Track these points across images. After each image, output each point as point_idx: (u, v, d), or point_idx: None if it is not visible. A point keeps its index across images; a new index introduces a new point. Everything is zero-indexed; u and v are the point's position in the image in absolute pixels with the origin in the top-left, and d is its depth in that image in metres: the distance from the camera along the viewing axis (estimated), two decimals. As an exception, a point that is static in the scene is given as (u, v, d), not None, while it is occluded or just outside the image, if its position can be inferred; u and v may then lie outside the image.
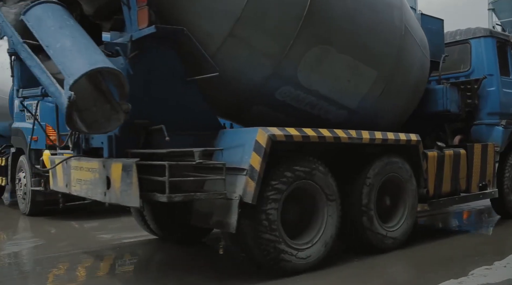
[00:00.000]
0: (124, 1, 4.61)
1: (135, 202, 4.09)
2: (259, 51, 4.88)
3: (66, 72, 3.89)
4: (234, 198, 4.38)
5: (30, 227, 8.53)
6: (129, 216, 8.94)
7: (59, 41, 4.14)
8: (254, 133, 4.55)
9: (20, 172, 9.09)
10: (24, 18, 4.44)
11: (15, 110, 9.26)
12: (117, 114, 4.08)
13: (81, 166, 4.98)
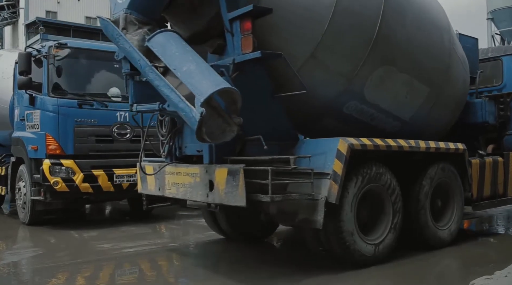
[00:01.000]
0: (228, 29, 5.23)
1: (241, 202, 4.68)
2: (334, 71, 5.58)
3: (196, 91, 4.45)
4: (320, 198, 5.03)
5: (29, 236, 8.51)
6: (128, 225, 8.99)
7: (184, 65, 4.73)
8: (336, 143, 5.21)
9: (20, 181, 9.09)
10: (149, 44, 5.04)
11: (16, 119, 9.28)
12: (231, 127, 4.63)
13: (178, 171, 5.62)
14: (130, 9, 5.24)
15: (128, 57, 5.29)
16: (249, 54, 5.02)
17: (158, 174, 5.95)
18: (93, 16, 37.12)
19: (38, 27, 12.84)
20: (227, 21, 5.24)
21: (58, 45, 8.51)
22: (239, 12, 5.09)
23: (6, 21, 37.11)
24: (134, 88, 5.67)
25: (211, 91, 4.39)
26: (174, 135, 5.98)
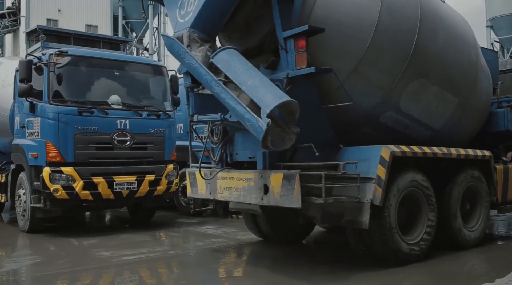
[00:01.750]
0: (282, 46, 5.65)
1: (297, 204, 5.12)
2: (374, 84, 6.04)
3: (261, 104, 4.89)
4: (365, 201, 5.48)
5: (29, 244, 8.49)
6: (128, 233, 8.97)
7: (249, 79, 5.16)
8: (379, 150, 5.71)
9: (20, 189, 9.08)
10: (214, 61, 5.46)
11: (16, 126, 9.29)
12: (289, 136, 5.05)
13: (231, 176, 6.04)
14: (193, 28, 5.65)
15: (192, 72, 5.71)
16: (303, 70, 5.44)
17: (209, 179, 6.35)
18: (94, 24, 37.30)
19: (39, 35, 12.87)
20: (281, 39, 5.66)
21: (58, 53, 8.53)
22: (295, 31, 5.54)
23: (7, 29, 37.19)
24: (194, 100, 6.13)
25: (276, 103, 4.83)
26: (225, 143, 6.44)
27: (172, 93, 9.68)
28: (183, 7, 5.88)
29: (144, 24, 43.45)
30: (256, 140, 5.37)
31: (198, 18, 5.64)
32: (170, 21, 6.23)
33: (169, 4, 6.26)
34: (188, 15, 5.74)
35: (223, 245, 7.85)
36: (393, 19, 6.03)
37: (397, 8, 6.10)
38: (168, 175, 9.25)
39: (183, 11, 5.88)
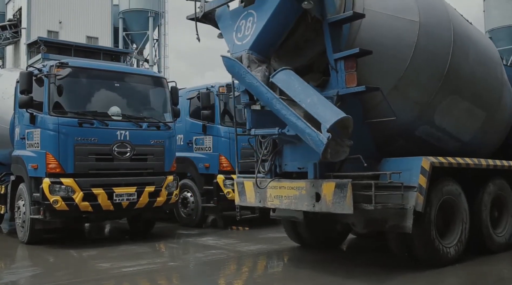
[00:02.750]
0: (333, 66, 6.10)
1: (349, 210, 5.64)
2: (411, 100, 6.55)
3: (321, 119, 5.36)
4: (409, 207, 5.99)
5: (28, 255, 8.47)
6: (128, 244, 8.95)
7: (308, 97, 5.65)
8: (420, 161, 6.21)
9: (20, 200, 9.07)
10: (274, 80, 5.97)
11: (16, 138, 9.30)
12: (343, 148, 5.42)
13: (282, 186, 6.55)
14: (252, 50, 6.13)
15: (252, 91, 6.17)
16: (354, 88, 5.92)
17: (259, 188, 6.77)
18: (94, 35, 37.46)
19: (40, 47, 12.94)
20: (332, 60, 6.11)
21: (59, 64, 8.57)
22: (346, 54, 6.01)
23: (8, 41, 37.37)
24: (251, 116, 6.53)
25: (335, 119, 5.28)
26: (275, 155, 6.93)
27: (172, 105, 9.70)
28: (240, 30, 6.39)
29: (145, 36, 43.66)
30: (305, 152, 6.21)
31: (257, 41, 6.13)
32: (226, 42, 6.71)
33: (225, 28, 6.78)
34: (246, 38, 6.23)
35: (223, 257, 7.83)
36: (430, 41, 6.51)
37: (433, 31, 6.58)
38: (168, 186, 9.24)
39: (240, 34, 6.37)
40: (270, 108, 5.93)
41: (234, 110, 7.77)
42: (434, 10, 6.84)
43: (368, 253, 8.21)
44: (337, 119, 5.29)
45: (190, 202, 11.01)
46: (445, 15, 6.91)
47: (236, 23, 6.51)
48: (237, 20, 6.50)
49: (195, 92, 11.07)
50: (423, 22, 6.47)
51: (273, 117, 6.03)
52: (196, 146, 11.04)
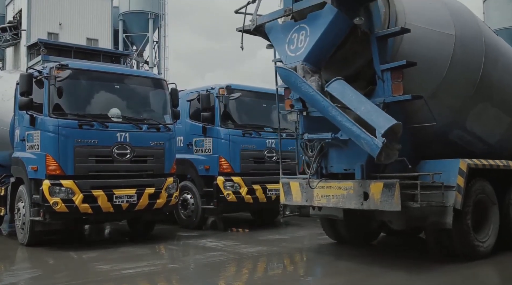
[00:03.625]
0: (379, 76, 6.67)
1: (397, 208, 6.20)
2: (447, 107, 7.13)
3: (376, 125, 5.87)
4: (449, 205, 6.61)
5: (28, 257, 8.46)
6: (127, 246, 8.94)
7: (362, 105, 6.15)
8: (457, 163, 6.82)
9: (20, 202, 9.06)
10: (328, 89, 6.48)
11: (16, 140, 9.30)
12: (393, 152, 5.91)
13: (329, 186, 7.06)
14: (306, 61, 6.62)
15: (307, 99, 6.71)
16: (400, 97, 6.48)
17: (305, 188, 7.30)
18: (94, 37, 37.47)
19: (40, 49, 12.93)
20: (379, 71, 6.66)
21: (59, 66, 8.57)
22: (393, 65, 6.59)
23: (8, 43, 37.39)
24: (304, 122, 7.21)
25: (389, 125, 5.78)
26: (321, 157, 7.35)
27: (172, 107, 9.70)
28: (293, 43, 6.87)
29: (145, 38, 43.68)
30: (351, 155, 6.85)
31: (310, 53, 6.63)
32: (278, 54, 7.33)
33: (276, 40, 7.31)
34: (300, 50, 6.72)
35: (223, 259, 7.83)
36: (464, 52, 7.11)
37: (467, 43, 7.17)
38: (168, 188, 9.23)
39: (293, 46, 6.86)
40: (325, 115, 6.37)
41: (278, 117, 8.36)
42: (467, 23, 7.43)
43: (397, 247, 9.01)
44: (390, 126, 5.78)
45: (190, 204, 11.00)
46: (476, 28, 7.53)
47: (287, 36, 7.00)
48: (289, 33, 6.99)
49: (195, 94, 11.07)
50: (458, 35, 7.07)
51: (322, 123, 6.66)
52: (196, 148, 11.04)
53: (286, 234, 10.61)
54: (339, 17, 6.54)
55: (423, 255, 7.81)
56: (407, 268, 6.83)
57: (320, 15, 6.68)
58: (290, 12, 6.98)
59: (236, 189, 10.40)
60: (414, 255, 8.00)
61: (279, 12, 7.22)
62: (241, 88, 11.05)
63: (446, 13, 7.22)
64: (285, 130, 11.36)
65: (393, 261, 7.43)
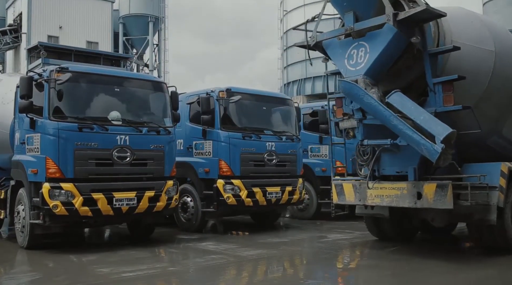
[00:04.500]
0: (431, 89, 7.46)
1: (449, 205, 7.00)
2: (487, 116, 7.91)
3: (434, 133, 6.59)
4: (493, 204, 7.39)
5: (27, 260, 8.45)
6: (127, 249, 8.93)
7: (421, 115, 6.90)
8: (499, 166, 7.61)
9: (19, 205, 9.06)
10: (389, 101, 7.20)
11: (16, 143, 9.30)
12: (447, 156, 6.59)
13: (382, 187, 7.79)
14: (366, 75, 7.40)
15: (369, 109, 7.36)
16: (451, 107, 7.29)
17: (359, 189, 8.10)
18: (94, 40, 37.53)
19: (40, 52, 12.97)
20: (431, 83, 7.46)
21: (59, 69, 8.57)
22: (445, 79, 7.40)
23: (8, 46, 37.48)
24: (363, 129, 7.80)
25: (447, 133, 6.52)
26: (374, 161, 7.98)
27: (172, 109, 9.70)
28: (352, 58, 7.67)
29: (145, 41, 43.76)
30: (404, 159, 7.64)
31: (371, 68, 7.41)
32: (338, 67, 8.09)
33: (335, 55, 8.08)
34: (360, 65, 7.51)
35: (223, 262, 7.82)
36: (503, 66, 7.89)
37: (505, 58, 7.96)
38: (168, 191, 9.22)
39: (353, 61, 7.65)
40: (386, 123, 7.10)
41: (329, 124, 9.86)
42: (504, 39, 8.25)
43: (436, 244, 9.67)
44: (448, 133, 6.51)
45: (190, 207, 11.00)
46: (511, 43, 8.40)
47: (346, 51, 7.77)
48: (348, 49, 7.77)
49: (195, 97, 11.07)
50: (497, 51, 7.86)
51: (378, 130, 7.50)
52: (196, 151, 11.04)
53: (286, 237, 10.60)
54: (398, 36, 7.30)
55: (460, 250, 8.92)
56: (447, 261, 7.53)
57: (379, 34, 7.43)
58: (351, 31, 7.69)
59: (236, 192, 10.39)
60: (449, 250, 8.92)
61: (340, 31, 8.00)
62: (241, 91, 11.05)
63: (486, 31, 8.02)
64: (285, 134, 11.46)
65: (433, 256, 8.01)
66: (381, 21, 7.32)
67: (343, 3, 7.85)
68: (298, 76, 38.18)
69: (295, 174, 11.49)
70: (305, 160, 12.78)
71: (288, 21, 39.94)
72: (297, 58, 38.37)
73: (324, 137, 12.88)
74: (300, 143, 11.88)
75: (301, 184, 11.54)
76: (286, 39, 40.44)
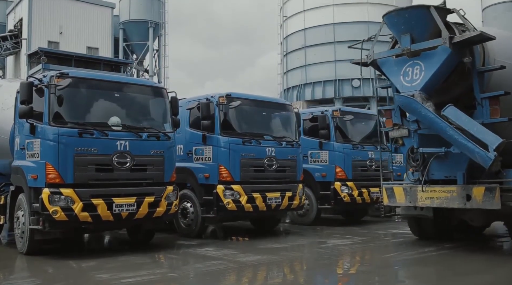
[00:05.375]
0: (479, 102, 8.34)
1: (497, 206, 7.89)
2: None
3: (488, 142, 7.49)
4: None
5: (27, 266, 8.43)
6: (127, 255, 8.92)
7: (474, 126, 7.79)
8: None
9: (19, 210, 9.04)
10: (445, 114, 8.05)
11: (16, 148, 9.29)
12: (497, 162, 7.54)
13: (432, 190, 8.74)
14: (422, 91, 8.33)
15: (426, 121, 8.31)
16: (498, 119, 8.17)
17: (409, 192, 9.05)
18: (95, 46, 37.59)
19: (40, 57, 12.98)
20: (479, 98, 8.36)
21: (59, 74, 8.57)
22: (493, 94, 8.29)
23: (8, 51, 37.51)
24: (418, 139, 8.84)
25: (498, 142, 7.41)
26: (424, 167, 8.88)
27: (172, 115, 9.71)
28: (407, 75, 8.63)
29: (145, 47, 43.83)
30: (452, 165, 8.54)
31: (426, 84, 8.35)
32: (394, 83, 9.06)
33: (390, 72, 9.07)
34: (416, 81, 8.46)
35: (222, 267, 7.80)
36: None
37: None
38: (168, 196, 9.21)
39: (408, 78, 8.61)
40: (442, 134, 8.03)
41: (378, 132, 11.22)
42: None
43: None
44: (500, 142, 7.36)
45: (189, 213, 10.99)
46: None
47: (402, 69, 8.73)
48: (403, 67, 8.73)
49: (195, 103, 11.08)
50: None
51: (430, 139, 8.55)
52: (196, 156, 11.04)
53: (286, 243, 10.58)
54: (451, 56, 8.22)
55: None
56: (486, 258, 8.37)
57: (435, 54, 8.33)
58: (408, 51, 8.59)
59: (236, 198, 10.38)
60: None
61: (396, 51, 8.96)
62: (241, 97, 11.07)
63: None
64: (285, 139, 11.47)
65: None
66: (438, 43, 8.27)
67: (401, 27, 8.70)
68: (297, 82, 38.19)
69: (295, 179, 11.49)
70: (305, 165, 12.80)
71: (288, 27, 40.02)
72: (296, 63, 38.42)
73: (324, 142, 13.08)
74: (300, 148, 11.89)
75: (301, 189, 11.53)
76: (286, 45, 40.50)
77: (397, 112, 9.30)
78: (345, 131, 13.36)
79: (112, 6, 40.77)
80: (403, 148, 9.48)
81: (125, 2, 42.69)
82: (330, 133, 13.01)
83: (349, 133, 13.45)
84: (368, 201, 13.14)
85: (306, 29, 37.82)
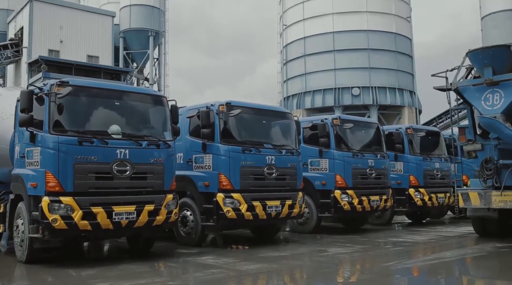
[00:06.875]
0: None
1: None
2: None
3: None
4: None
5: (26, 274, 8.41)
6: (127, 263, 8.90)
7: None
8: None
9: (19, 219, 9.03)
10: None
11: (16, 156, 9.30)
12: None
13: (506, 194, 10.36)
14: (502, 114, 10.24)
15: (508, 138, 10.25)
16: None
17: (484, 196, 10.58)
18: (95, 54, 37.69)
19: (41, 66, 13.03)
20: None
21: (59, 83, 8.59)
22: None
23: (9, 60, 37.64)
24: (498, 152, 10.73)
25: None
26: (497, 174, 10.64)
27: (172, 123, 9.71)
28: (488, 100, 10.48)
29: (145, 55, 43.96)
30: None
31: (506, 108, 10.24)
32: (476, 106, 10.90)
33: (472, 98, 10.83)
34: (497, 106, 10.33)
35: (222, 276, 7.78)
36: None
37: None
38: (168, 204, 9.19)
39: (489, 103, 10.46)
40: None
41: (457, 148, 13.39)
42: None
43: None
44: None
45: (189, 221, 10.97)
46: None
47: (482, 95, 10.55)
48: (483, 94, 10.54)
49: (195, 111, 11.10)
50: None
51: (506, 153, 10.45)
52: (196, 164, 11.03)
53: (286, 251, 10.56)
54: None
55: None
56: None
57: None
58: (489, 81, 10.35)
59: (236, 206, 10.37)
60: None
61: (479, 80, 10.71)
62: (241, 105, 11.08)
63: None
64: (285, 147, 11.47)
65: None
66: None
67: (484, 61, 10.53)
68: (297, 90, 38.31)
69: (295, 187, 11.48)
70: (305, 174, 12.80)
71: (288, 35, 40.17)
72: (296, 72, 38.53)
73: (324, 151, 13.12)
74: (300, 157, 11.90)
75: (301, 197, 11.52)
76: (286, 53, 40.64)
77: (470, 130, 11.24)
78: (345, 139, 13.45)
79: (113, 14, 40.94)
80: (475, 160, 11.33)
81: (126, 11, 42.89)
82: (330, 142, 13.07)
83: (349, 141, 13.55)
84: (368, 209, 13.25)
85: (306, 38, 38.01)
